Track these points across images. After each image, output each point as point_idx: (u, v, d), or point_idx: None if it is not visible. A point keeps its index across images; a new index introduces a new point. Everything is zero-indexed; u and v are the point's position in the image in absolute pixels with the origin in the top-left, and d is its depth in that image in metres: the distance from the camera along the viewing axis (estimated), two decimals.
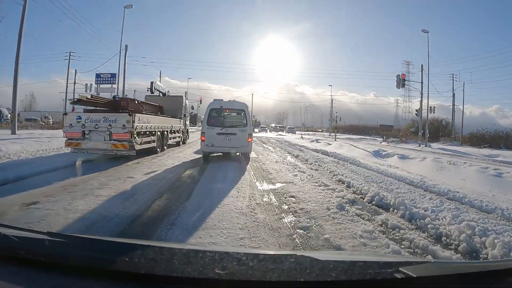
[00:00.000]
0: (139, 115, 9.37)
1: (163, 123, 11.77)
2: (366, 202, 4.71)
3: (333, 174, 7.11)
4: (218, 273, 0.76)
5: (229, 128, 8.79)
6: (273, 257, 0.87)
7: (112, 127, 8.91)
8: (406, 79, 26.87)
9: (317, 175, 7.00)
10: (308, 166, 8.51)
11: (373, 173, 7.68)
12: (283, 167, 8.18)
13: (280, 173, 7.19)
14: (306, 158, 10.09)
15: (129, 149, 8.85)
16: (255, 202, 4.39)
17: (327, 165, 8.50)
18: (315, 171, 7.69)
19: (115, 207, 3.98)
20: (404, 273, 0.78)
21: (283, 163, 8.95)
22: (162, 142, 11.87)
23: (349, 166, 8.69)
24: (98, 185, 5.30)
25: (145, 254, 0.85)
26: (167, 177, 6.35)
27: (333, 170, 7.54)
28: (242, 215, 3.74)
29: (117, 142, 8.89)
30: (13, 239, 0.93)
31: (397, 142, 31.77)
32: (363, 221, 3.72)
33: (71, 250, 0.92)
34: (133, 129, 8.81)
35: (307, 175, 6.88)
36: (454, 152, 17.25)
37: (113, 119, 8.93)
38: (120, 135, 8.90)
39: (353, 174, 7.30)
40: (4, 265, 0.88)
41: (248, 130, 8.76)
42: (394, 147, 22.75)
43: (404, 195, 5.12)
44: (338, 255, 1.70)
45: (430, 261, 1.34)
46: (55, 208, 3.82)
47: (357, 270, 0.81)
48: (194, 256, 0.83)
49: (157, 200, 4.48)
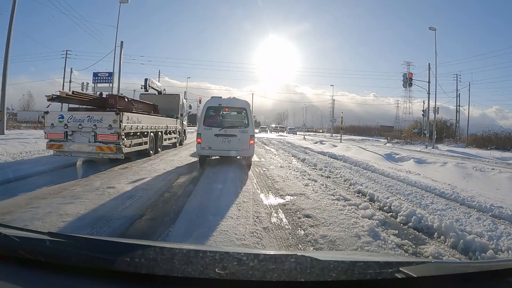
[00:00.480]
0: (128, 114, 8.40)
1: (156, 123, 10.80)
2: (401, 224, 3.74)
3: (349, 183, 6.14)
4: (219, 273, 0.76)
5: (229, 128, 7.81)
6: (274, 257, 0.86)
7: (97, 128, 7.95)
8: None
9: (331, 184, 6.02)
10: (318, 173, 7.53)
11: (393, 181, 6.70)
12: (290, 173, 7.20)
13: (288, 181, 6.21)
14: (314, 163, 9.11)
15: (116, 152, 7.88)
16: (261, 226, 3.40)
17: (339, 171, 7.53)
18: (327, 179, 6.72)
19: (78, 233, 2.99)
20: (404, 273, 0.77)
21: (289, 168, 7.97)
22: (156, 144, 10.91)
23: (364, 172, 7.72)
24: (69, 199, 4.33)
25: (145, 254, 0.84)
26: (155, 187, 5.38)
27: (348, 178, 6.57)
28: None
29: (102, 145, 7.93)
30: (14, 239, 0.93)
31: (402, 143, 30.80)
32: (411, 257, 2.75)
33: (71, 250, 0.91)
34: (120, 129, 7.84)
35: (319, 184, 5.90)
36: (464, 155, 16.35)
37: (98, 119, 7.96)
38: (106, 137, 7.93)
39: (372, 183, 6.33)
40: (4, 265, 0.88)
41: (250, 131, 7.78)
42: (400, 148, 21.85)
43: (444, 213, 4.15)
44: (338, 255, 1.69)
45: (431, 261, 1.21)
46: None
47: (358, 270, 0.80)
48: (194, 256, 0.83)
49: (136, 222, 3.51)
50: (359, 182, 6.13)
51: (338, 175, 7.16)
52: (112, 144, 7.86)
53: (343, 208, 4.21)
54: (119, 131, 7.84)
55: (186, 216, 3.72)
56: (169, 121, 12.90)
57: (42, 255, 0.89)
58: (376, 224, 3.56)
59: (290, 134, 46.81)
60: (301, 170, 7.64)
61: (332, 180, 6.59)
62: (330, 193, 5.10)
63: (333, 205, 4.41)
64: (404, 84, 23.61)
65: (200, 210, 3.99)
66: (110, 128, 7.86)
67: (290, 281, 0.76)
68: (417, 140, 34.55)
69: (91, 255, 0.88)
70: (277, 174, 7.01)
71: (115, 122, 7.84)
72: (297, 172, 7.40)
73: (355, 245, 2.95)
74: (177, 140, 14.38)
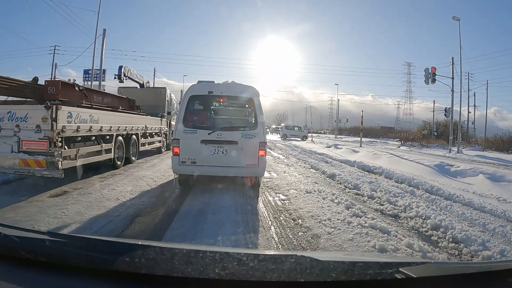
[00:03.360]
0: (72, 109, 5.52)
1: (128, 122, 7.90)
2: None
3: (447, 238, 3.28)
4: (219, 273, 0.76)
5: (225, 131, 4.92)
6: (274, 257, 0.85)
7: (20, 130, 5.08)
8: (407, 81, 23.53)
9: (417, 244, 3.11)
10: (371, 204, 4.64)
11: (500, 221, 3.86)
12: (329, 208, 4.28)
13: (336, 233, 3.32)
14: (351, 181, 6.19)
15: (48, 168, 5.00)
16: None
17: (404, 201, 4.63)
18: (395, 222, 3.87)
19: None
20: (404, 274, 0.77)
21: (320, 195, 5.05)
22: (128, 151, 8.02)
23: (439, 202, 4.82)
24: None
25: (145, 254, 0.83)
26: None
27: (437, 224, 3.68)
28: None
29: (28, 157, 5.04)
30: (14, 239, 0.92)
31: (418, 147, 27.91)
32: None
33: (71, 250, 0.89)
34: (53, 132, 4.97)
35: (400, 241, 3.04)
36: (499, 161, 13.51)
37: (22, 116, 5.09)
38: (32, 144, 5.06)
39: (484, 234, 3.46)
40: (4, 265, 0.87)
41: (259, 135, 4.90)
42: (419, 152, 19.03)
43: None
44: (338, 256, 1.69)
45: (430, 261, 1.25)
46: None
47: (357, 270, 0.79)
48: (194, 256, 0.81)
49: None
50: (465, 237, 3.27)
51: (407, 208, 4.30)
52: (40, 156, 4.98)
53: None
54: (51, 134, 4.96)
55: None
56: (150, 120, 10.03)
57: (42, 255, 0.88)
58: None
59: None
60: (342, 200, 4.72)
61: (407, 229, 3.71)
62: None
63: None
64: (426, 80, 20.76)
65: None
66: (38, 130, 4.99)
67: (290, 281, 0.75)
68: (433, 143, 31.75)
69: (91, 255, 0.86)
70: (307, 211, 4.11)
71: (45, 121, 4.97)
72: (338, 204, 4.49)
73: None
74: (162, 144, 11.50)
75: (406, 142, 31.83)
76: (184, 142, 4.74)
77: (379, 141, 40.04)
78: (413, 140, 33.16)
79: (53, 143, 4.98)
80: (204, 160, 4.77)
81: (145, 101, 10.92)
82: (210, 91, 4.94)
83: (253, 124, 5.06)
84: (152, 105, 11.30)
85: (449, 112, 23.46)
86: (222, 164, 4.80)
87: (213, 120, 5.37)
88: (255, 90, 5.11)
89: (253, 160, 4.81)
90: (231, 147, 4.81)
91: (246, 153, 4.82)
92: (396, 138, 41.01)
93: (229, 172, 4.93)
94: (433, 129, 39.99)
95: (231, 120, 5.52)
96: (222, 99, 5.31)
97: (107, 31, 18.86)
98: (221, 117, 5.79)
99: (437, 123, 41.46)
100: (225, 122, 5.36)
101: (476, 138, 39.72)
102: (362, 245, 2.98)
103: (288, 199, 4.76)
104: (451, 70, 22.75)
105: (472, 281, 0.82)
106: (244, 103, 5.42)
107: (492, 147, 29.04)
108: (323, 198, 4.82)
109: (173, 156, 4.80)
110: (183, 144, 4.74)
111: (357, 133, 55.55)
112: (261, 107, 5.00)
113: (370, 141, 36.65)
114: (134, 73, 11.95)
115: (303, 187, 5.69)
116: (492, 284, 0.82)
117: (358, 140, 20.39)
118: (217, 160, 4.78)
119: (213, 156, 4.77)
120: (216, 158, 4.78)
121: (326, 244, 2.98)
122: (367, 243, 3.02)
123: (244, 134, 4.89)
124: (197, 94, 5.06)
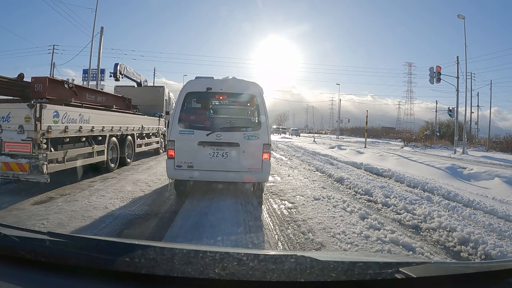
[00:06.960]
0: (60, 108, 5.09)
1: (123, 122, 7.47)
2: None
3: (479, 255, 2.84)
4: (219, 273, 0.75)
5: (225, 132, 4.48)
6: (274, 257, 0.83)
7: (3, 131, 4.66)
8: (407, 81, 23.04)
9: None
10: (388, 214, 4.20)
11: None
12: (342, 219, 3.85)
13: (357, 250, 2.87)
14: (361, 186, 5.75)
15: (32, 172, 4.58)
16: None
17: (422, 210, 4.19)
18: (417, 235, 3.43)
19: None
20: (404, 274, 0.76)
21: (329, 202, 4.63)
22: (123, 152, 7.59)
23: (460, 210, 4.39)
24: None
25: (145, 254, 0.81)
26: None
27: (467, 238, 3.24)
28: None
29: (10, 160, 4.62)
30: (14, 239, 0.91)
31: (421, 147, 27.44)
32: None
33: (71, 250, 0.88)
34: (37, 133, 4.54)
35: (425, 259, 2.60)
36: (506, 162, 13.08)
37: (5, 115, 4.68)
38: (15, 146, 4.64)
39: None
40: (4, 265, 0.87)
41: (263, 137, 4.46)
42: (424, 153, 18.61)
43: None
44: (338, 256, 1.68)
45: (430, 261, 1.21)
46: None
47: (357, 270, 0.78)
48: (194, 256, 0.80)
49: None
50: (503, 250, 2.84)
51: (427, 218, 3.86)
52: (23, 159, 4.55)
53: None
54: (34, 135, 4.53)
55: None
56: (147, 120, 9.61)
57: (42, 255, 0.87)
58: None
59: (294, 136, 43.56)
60: (355, 208, 4.28)
61: (436, 240, 3.28)
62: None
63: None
64: (431, 79, 20.37)
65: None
66: (21, 131, 4.57)
67: (290, 281, 0.75)
68: (436, 143, 31.27)
69: (91, 255, 0.85)
70: (317, 222, 3.66)
71: (29, 121, 4.54)
72: (351, 213, 4.05)
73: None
74: (160, 145, 11.08)
75: (409, 143, 31.35)
76: (179, 144, 4.30)
77: (381, 142, 39.64)
78: (415, 141, 32.75)
79: (37, 145, 4.55)
80: (202, 164, 4.33)
81: (142, 100, 10.54)
82: (208, 87, 4.49)
83: (256, 124, 4.63)
84: (150, 104, 10.93)
85: (454, 112, 22.95)
86: (222, 168, 4.37)
87: (212, 119, 4.93)
88: (258, 87, 4.66)
89: (256, 164, 4.38)
90: (232, 150, 4.38)
91: (248, 156, 4.38)
92: (398, 138, 40.68)
93: (229, 177, 4.49)
94: (436, 129, 39.53)
95: (231, 119, 5.09)
96: (221, 97, 4.87)
97: (105, 30, 18.50)
98: (221, 116, 5.36)
99: (440, 123, 40.94)
100: (225, 122, 4.92)
101: (479, 139, 39.26)
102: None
103: (295, 207, 4.31)
104: (456, 69, 22.34)
105: (472, 281, 0.81)
106: (246, 101, 4.99)
107: (496, 148, 28.77)
108: (334, 206, 4.37)
109: (167, 159, 4.35)
110: (179, 146, 4.30)
111: (358, 134, 55.20)
112: (265, 105, 4.56)
113: (372, 142, 36.26)
114: (131, 71, 11.52)
115: (310, 192, 5.25)
116: (492, 284, 0.82)
117: (361, 141, 19.97)
118: (216, 164, 4.34)
119: (211, 159, 4.33)
120: (215, 162, 4.34)
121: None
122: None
123: (246, 135, 4.46)
124: (194, 90, 4.60)
